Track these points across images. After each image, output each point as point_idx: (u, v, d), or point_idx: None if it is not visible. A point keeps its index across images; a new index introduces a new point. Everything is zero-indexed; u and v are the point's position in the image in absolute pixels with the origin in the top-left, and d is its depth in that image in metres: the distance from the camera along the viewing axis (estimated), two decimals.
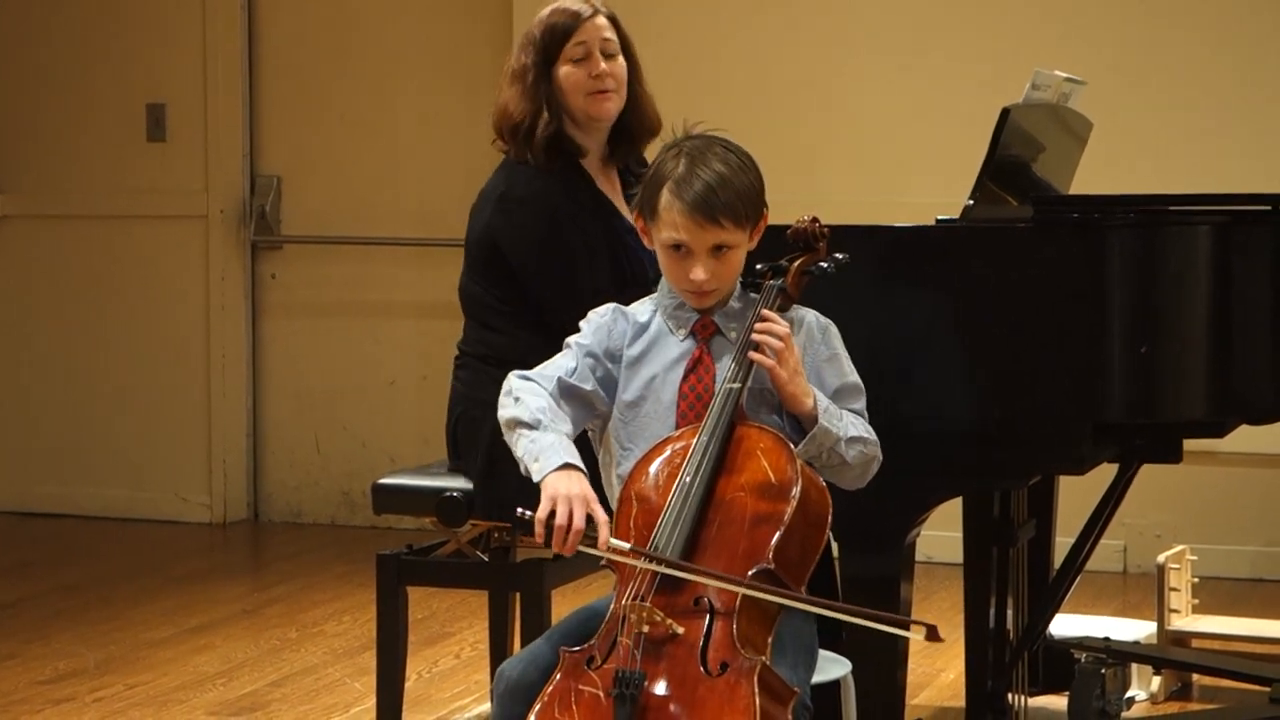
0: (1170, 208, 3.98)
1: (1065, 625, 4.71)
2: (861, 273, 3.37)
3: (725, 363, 3.10)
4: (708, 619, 2.83)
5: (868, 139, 6.36)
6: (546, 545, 2.95)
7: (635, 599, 2.84)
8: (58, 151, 7.30)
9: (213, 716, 4.67)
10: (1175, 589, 4.76)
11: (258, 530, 7.21)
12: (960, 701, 4.43)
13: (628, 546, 2.89)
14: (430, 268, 6.80)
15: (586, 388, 3.15)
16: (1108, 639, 4.52)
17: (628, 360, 3.17)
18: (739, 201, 3.07)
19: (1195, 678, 4.75)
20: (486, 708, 4.40)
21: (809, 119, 6.40)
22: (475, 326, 3.97)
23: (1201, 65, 6.09)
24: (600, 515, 2.93)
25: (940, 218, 3.83)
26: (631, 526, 2.96)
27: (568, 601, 3.64)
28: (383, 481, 4.03)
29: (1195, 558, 4.86)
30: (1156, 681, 4.65)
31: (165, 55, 7.18)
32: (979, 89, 5.72)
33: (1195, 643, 4.82)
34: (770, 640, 2.88)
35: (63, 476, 7.33)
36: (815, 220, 3.26)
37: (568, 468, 2.98)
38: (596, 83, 3.89)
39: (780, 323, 3.09)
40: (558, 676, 2.85)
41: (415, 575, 3.94)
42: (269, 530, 7.20)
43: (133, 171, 7.24)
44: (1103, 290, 3.59)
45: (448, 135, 6.88)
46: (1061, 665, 4.42)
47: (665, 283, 3.19)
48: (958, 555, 4.28)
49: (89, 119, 7.26)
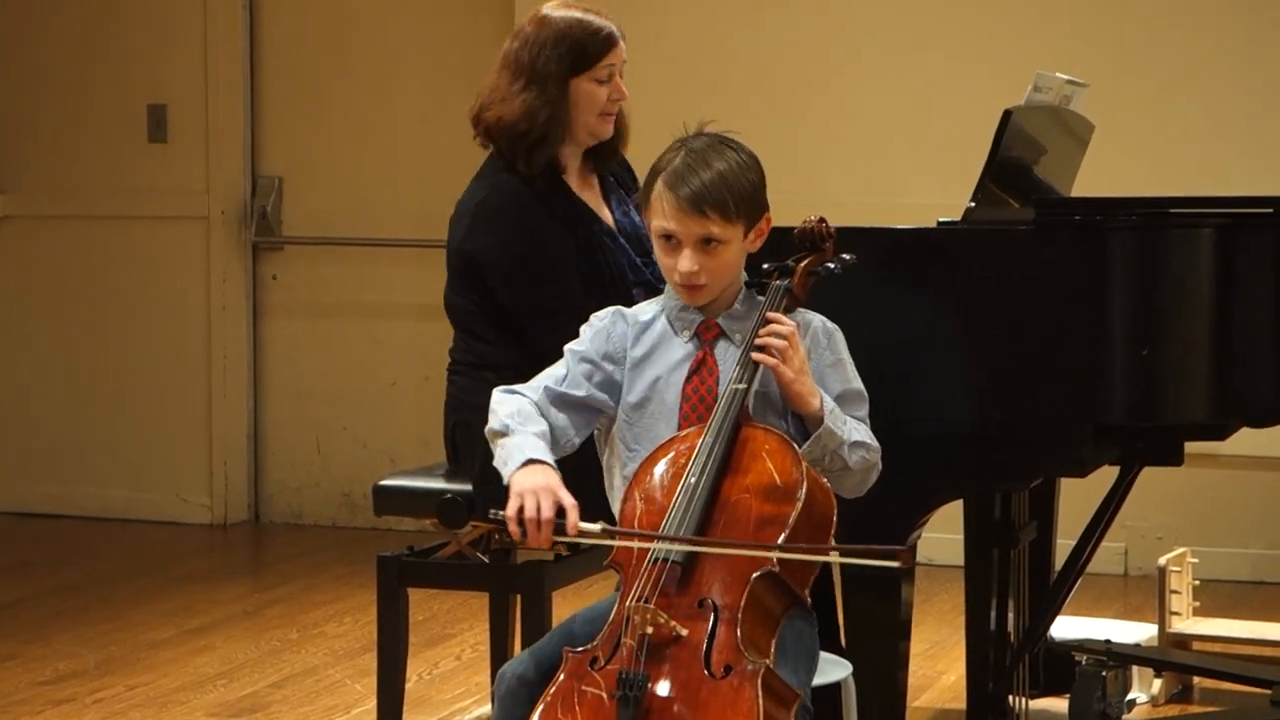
0: (1172, 210, 3.97)
1: (1066, 628, 4.70)
2: (862, 274, 3.36)
3: (728, 365, 3.10)
4: (712, 621, 2.83)
5: (868, 140, 6.35)
6: (524, 540, 2.96)
7: (639, 600, 2.84)
8: (59, 152, 7.30)
9: (213, 718, 4.67)
10: (1176, 591, 4.75)
11: (258, 531, 7.20)
12: (961, 704, 4.43)
13: (598, 528, 2.91)
14: (431, 269, 6.74)
15: (578, 394, 3.16)
16: (1109, 641, 4.51)
17: (631, 361, 3.17)
18: (729, 197, 3.07)
19: (1196, 680, 4.75)
20: (487, 709, 4.40)
21: (809, 120, 6.40)
22: (462, 335, 3.97)
23: (1203, 67, 6.09)
24: (568, 500, 2.95)
25: (941, 219, 3.83)
26: (636, 527, 2.96)
27: (569, 603, 3.64)
28: (383, 483, 4.03)
29: (1196, 560, 4.86)
30: (1157, 684, 4.64)
31: (166, 56, 7.17)
32: (980, 90, 5.71)
33: (1196, 645, 4.81)
34: (774, 643, 2.88)
35: (63, 477, 7.32)
36: (822, 220, 3.26)
37: (531, 463, 3.00)
38: (612, 105, 3.90)
39: (786, 322, 3.08)
40: (561, 677, 2.85)
41: (416, 577, 3.94)
42: (269, 531, 7.19)
43: (134, 172, 7.24)
44: (1104, 292, 3.59)
45: (449, 136, 6.85)
46: (1062, 668, 4.42)
47: (670, 285, 3.20)
48: (959, 557, 4.28)
49: (90, 119, 7.26)
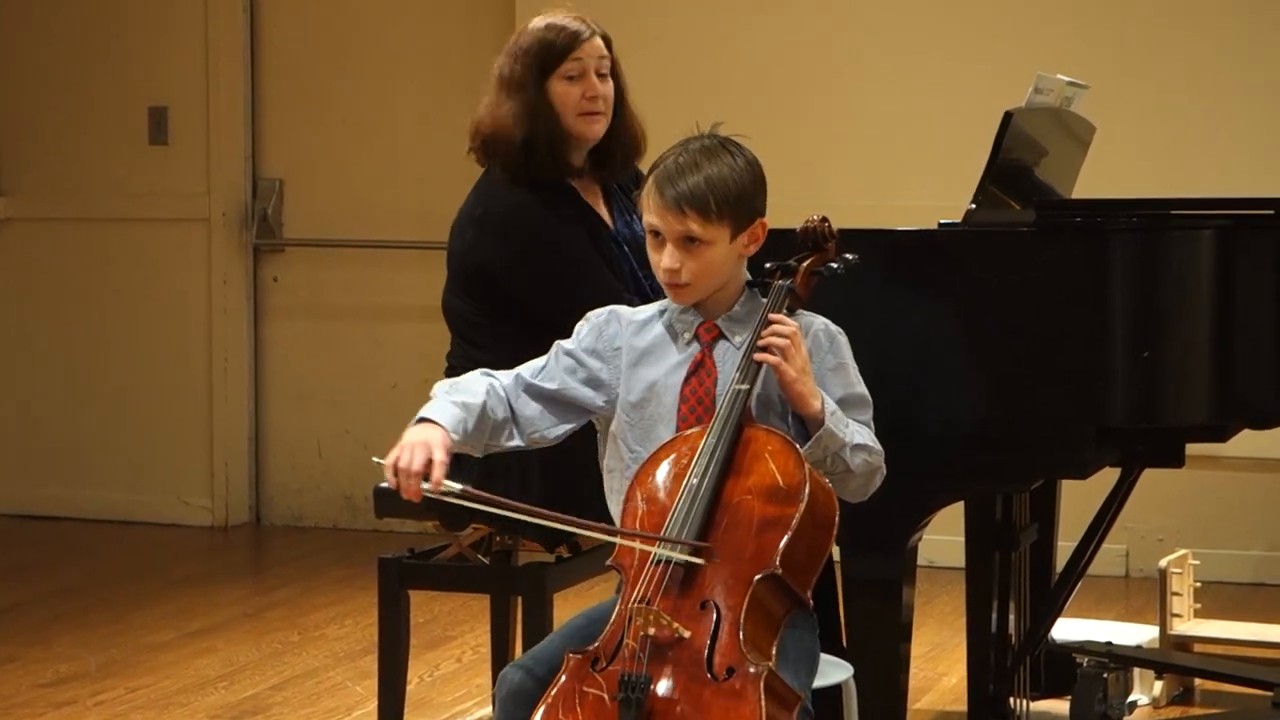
0: (1172, 212, 3.97)
1: (1067, 629, 4.70)
2: (864, 276, 3.36)
3: (727, 366, 3.09)
4: (714, 623, 2.82)
5: (869, 142, 6.36)
6: (397, 488, 2.99)
7: (642, 602, 2.84)
8: (60, 154, 7.30)
9: None
10: (1177, 593, 4.75)
11: (259, 533, 7.20)
12: (962, 706, 4.43)
13: (457, 488, 2.94)
14: (432, 270, 6.72)
15: (549, 386, 3.16)
16: (1110, 643, 4.52)
17: (629, 361, 3.17)
18: (711, 199, 3.06)
19: (1197, 682, 4.75)
20: (488, 711, 4.40)
21: (810, 121, 6.40)
22: (459, 341, 3.97)
23: (1204, 69, 6.09)
24: (438, 458, 2.96)
25: (942, 221, 3.83)
26: (638, 527, 2.96)
27: (570, 605, 3.64)
28: (384, 485, 4.02)
29: (1197, 562, 4.86)
30: (1158, 686, 4.64)
31: (167, 58, 7.18)
32: (981, 92, 5.71)
33: (1197, 647, 4.81)
34: (776, 645, 2.88)
35: (64, 479, 7.33)
36: (825, 220, 3.24)
37: (421, 421, 3.04)
38: (589, 104, 3.87)
39: (788, 322, 3.08)
40: (562, 678, 2.85)
41: (417, 579, 3.94)
42: (270, 533, 7.19)
43: (134, 174, 7.24)
44: (1105, 294, 3.58)
45: (450, 138, 6.83)
46: (1063, 670, 4.42)
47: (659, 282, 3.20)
48: (960, 559, 4.28)
49: (91, 122, 7.26)
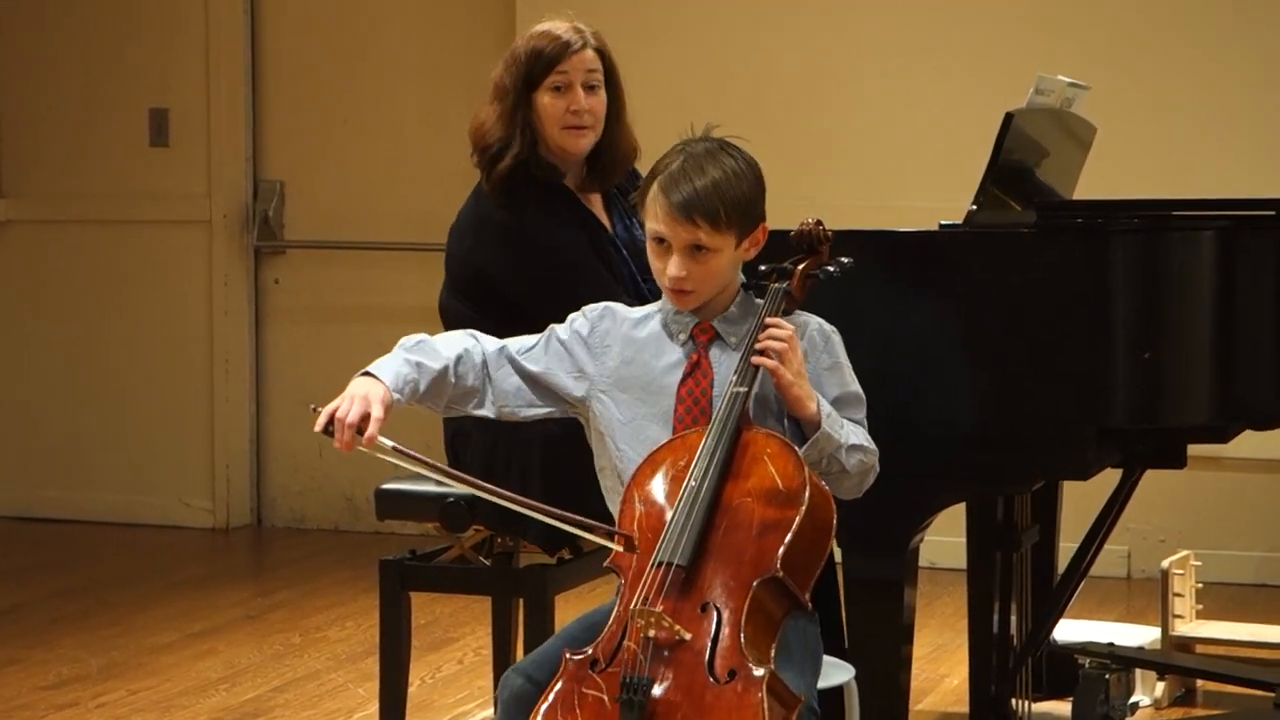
0: (1173, 213, 3.97)
1: (1069, 630, 4.70)
2: (865, 278, 3.36)
3: (723, 368, 3.09)
4: (715, 625, 2.82)
5: (870, 143, 6.35)
6: (329, 435, 3.03)
7: (643, 603, 2.84)
8: (61, 156, 7.30)
9: None
10: (1179, 594, 4.75)
11: (261, 535, 7.20)
12: (964, 707, 4.43)
13: (390, 445, 2.97)
14: (433, 272, 6.70)
15: (532, 367, 3.18)
16: (1112, 644, 4.51)
17: (623, 359, 3.17)
18: (722, 206, 3.06)
19: (1199, 683, 4.74)
20: (489, 713, 4.41)
21: (811, 123, 6.39)
22: None
23: (1205, 70, 6.08)
24: (375, 413, 3.00)
25: (943, 222, 3.82)
26: (637, 529, 2.96)
27: (571, 607, 3.64)
28: (386, 487, 4.03)
29: (1199, 563, 4.86)
30: (1160, 687, 4.64)
31: (168, 60, 7.18)
32: (982, 93, 5.71)
33: (1199, 648, 4.81)
34: (774, 646, 2.88)
35: (65, 481, 7.32)
36: (819, 223, 3.25)
37: (365, 375, 3.08)
38: (573, 118, 3.83)
39: (785, 326, 3.08)
40: (560, 680, 2.85)
41: (418, 581, 3.94)
42: (272, 535, 7.19)
43: (136, 176, 7.24)
44: (1106, 295, 3.58)
45: (451, 140, 6.81)
46: (1065, 671, 4.42)
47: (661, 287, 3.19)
48: (961, 560, 4.28)
49: (92, 124, 7.26)
